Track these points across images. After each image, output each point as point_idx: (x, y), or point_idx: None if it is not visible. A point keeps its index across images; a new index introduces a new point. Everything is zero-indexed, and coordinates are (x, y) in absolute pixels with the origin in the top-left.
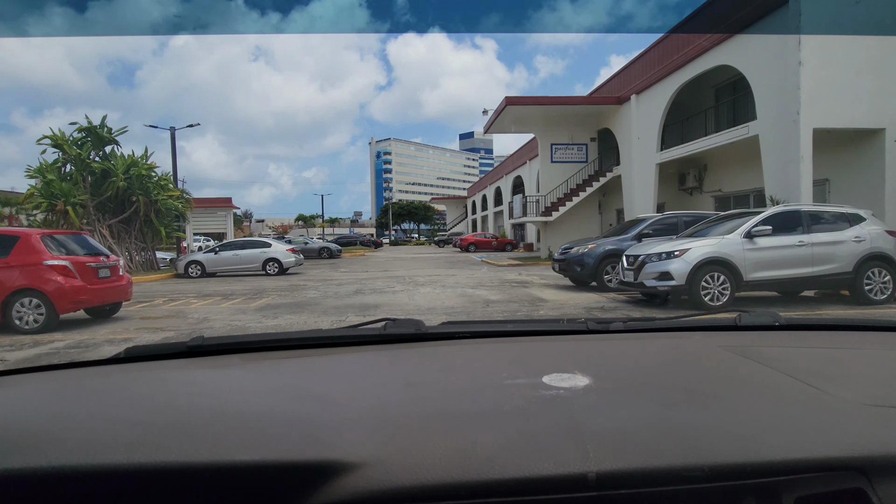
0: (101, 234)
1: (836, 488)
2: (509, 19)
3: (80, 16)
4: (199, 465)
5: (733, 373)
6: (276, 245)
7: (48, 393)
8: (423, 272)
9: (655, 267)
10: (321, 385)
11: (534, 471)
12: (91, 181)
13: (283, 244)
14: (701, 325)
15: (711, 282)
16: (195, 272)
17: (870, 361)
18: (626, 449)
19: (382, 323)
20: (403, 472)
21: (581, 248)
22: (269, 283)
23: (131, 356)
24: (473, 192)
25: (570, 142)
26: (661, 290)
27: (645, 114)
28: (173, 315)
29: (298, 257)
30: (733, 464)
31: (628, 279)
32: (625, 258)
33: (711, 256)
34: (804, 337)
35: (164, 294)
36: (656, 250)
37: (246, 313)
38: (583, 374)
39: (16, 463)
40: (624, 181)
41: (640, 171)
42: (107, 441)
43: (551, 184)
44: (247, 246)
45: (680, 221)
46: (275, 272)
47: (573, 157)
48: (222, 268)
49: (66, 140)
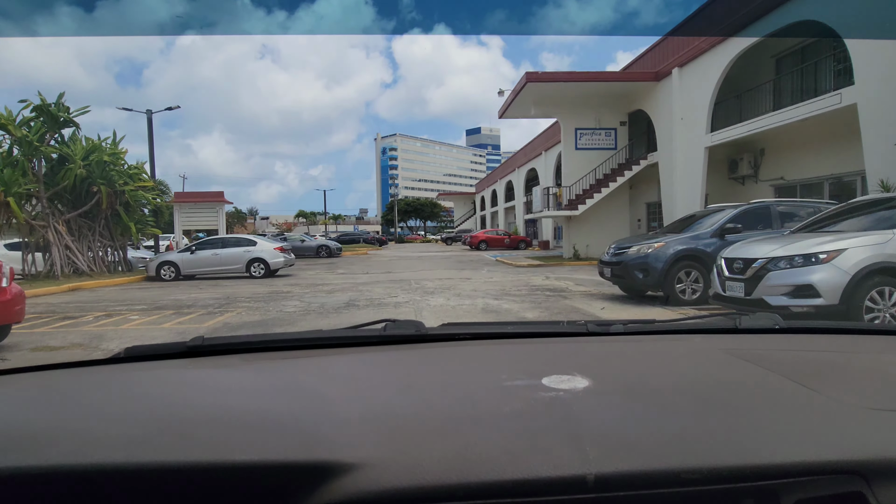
0: (57, 231)
1: (835, 492)
2: (514, 17)
3: (88, 15)
4: (199, 465)
5: (733, 375)
6: (262, 243)
7: (48, 392)
8: (431, 274)
9: (788, 277)
10: (321, 386)
11: (532, 473)
12: (46, 169)
13: (270, 242)
14: (701, 328)
15: (882, 299)
16: (168, 274)
17: (870, 365)
18: (626, 451)
19: (383, 324)
20: (402, 473)
21: (642, 247)
22: (246, 289)
23: (131, 356)
24: (482, 187)
25: (597, 126)
26: (798, 310)
27: (690, 89)
28: (81, 344)
29: (289, 257)
30: (733, 466)
31: (734, 293)
32: (724, 262)
33: (883, 262)
34: (805, 340)
35: (107, 305)
36: (786, 252)
37: None
38: (582, 376)
39: (15, 462)
40: (662, 170)
41: (685, 156)
42: (106, 440)
43: (576, 174)
44: (228, 244)
45: (774, 212)
46: (260, 274)
47: (600, 144)
48: (199, 269)
49: (13, 120)
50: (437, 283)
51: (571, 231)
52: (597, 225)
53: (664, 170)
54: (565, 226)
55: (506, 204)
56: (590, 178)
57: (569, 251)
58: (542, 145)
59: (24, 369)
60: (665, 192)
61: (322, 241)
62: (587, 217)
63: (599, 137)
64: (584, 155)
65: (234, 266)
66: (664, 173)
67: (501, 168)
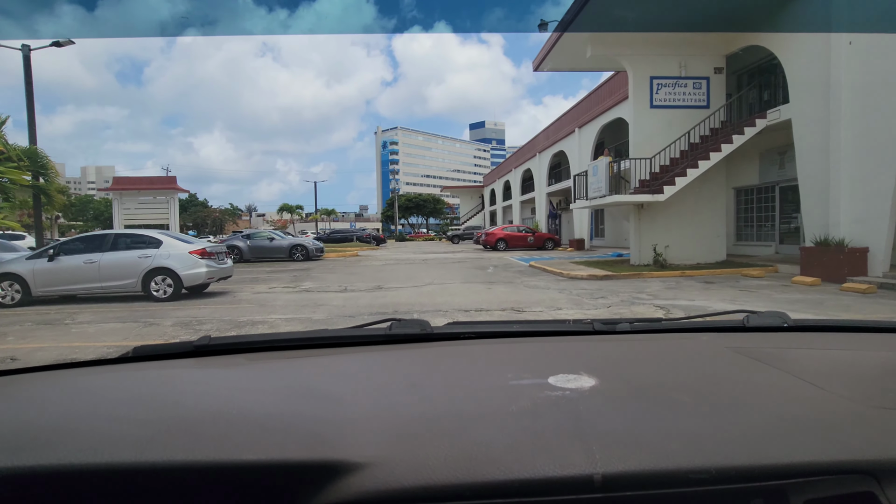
0: None
1: (845, 492)
2: (512, 15)
3: (89, 15)
4: (206, 464)
5: (741, 374)
6: (170, 243)
7: (58, 391)
8: (445, 293)
9: None
10: (327, 385)
11: (539, 472)
12: None
13: (186, 242)
14: (708, 327)
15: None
16: (9, 296)
17: (879, 363)
18: (633, 450)
19: (388, 323)
20: (409, 472)
21: None
22: (102, 330)
23: (139, 355)
24: (492, 179)
25: (681, 75)
26: None
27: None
28: None
29: (217, 266)
30: (741, 466)
31: None
32: None
33: None
34: (813, 338)
35: None
36: None
37: None
38: (589, 375)
39: (26, 460)
40: (800, 133)
41: (860, 105)
42: (115, 439)
43: (652, 143)
44: (117, 245)
45: None
46: (166, 294)
47: (686, 99)
48: (65, 287)
49: None
50: (462, 316)
51: (644, 225)
52: (678, 217)
53: (804, 133)
54: (636, 218)
55: (522, 196)
56: (668, 151)
57: (644, 255)
58: (575, 121)
59: (34, 369)
60: (804, 170)
61: (298, 239)
62: (666, 206)
63: (685, 91)
64: (661, 116)
65: (123, 281)
66: (804, 138)
67: (516, 156)
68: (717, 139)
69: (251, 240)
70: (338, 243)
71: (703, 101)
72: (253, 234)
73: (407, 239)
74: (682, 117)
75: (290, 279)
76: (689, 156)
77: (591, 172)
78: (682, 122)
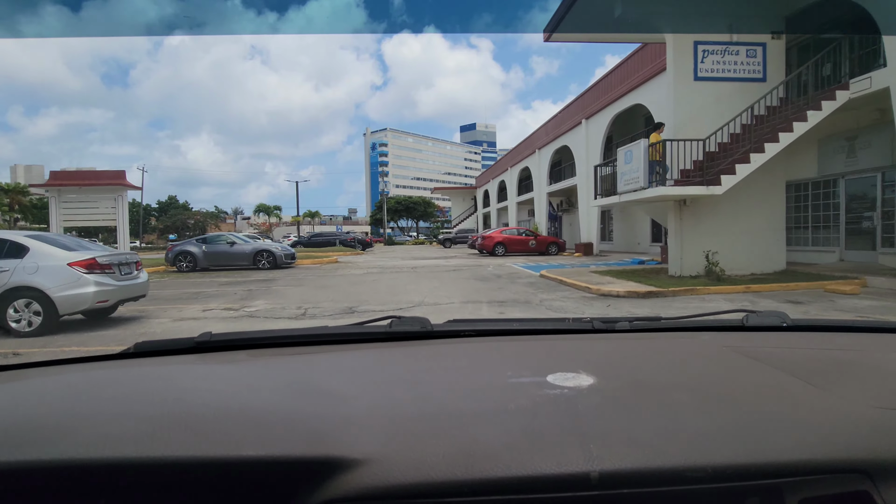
0: None
1: (841, 490)
2: (501, 20)
3: (74, 15)
4: (207, 459)
5: (739, 373)
6: (41, 250)
7: (59, 387)
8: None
9: None
10: (327, 382)
11: (537, 469)
12: None
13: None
14: (707, 326)
15: None
16: None
17: (876, 363)
18: (630, 449)
19: (388, 320)
20: (408, 468)
21: None
22: None
23: (140, 351)
24: (485, 179)
25: (731, 41)
26: None
27: None
28: None
29: (118, 283)
30: (738, 465)
31: None
32: None
33: None
34: (811, 338)
35: None
36: None
37: None
38: (587, 374)
39: (28, 455)
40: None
41: None
42: (116, 435)
43: (697, 124)
44: None
45: None
46: (30, 327)
47: (738, 70)
48: None
49: None
50: None
51: (686, 226)
52: (729, 217)
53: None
54: (675, 218)
55: (519, 197)
56: (717, 135)
57: (687, 263)
58: (581, 111)
59: (36, 364)
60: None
61: (264, 244)
62: (714, 203)
63: (736, 59)
64: (708, 91)
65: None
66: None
67: (512, 154)
68: (788, 116)
69: (207, 244)
70: (318, 248)
71: (758, 73)
72: (210, 238)
73: (396, 243)
74: (731, 93)
75: (239, 296)
76: (743, 140)
77: (623, 160)
78: (731, 98)
